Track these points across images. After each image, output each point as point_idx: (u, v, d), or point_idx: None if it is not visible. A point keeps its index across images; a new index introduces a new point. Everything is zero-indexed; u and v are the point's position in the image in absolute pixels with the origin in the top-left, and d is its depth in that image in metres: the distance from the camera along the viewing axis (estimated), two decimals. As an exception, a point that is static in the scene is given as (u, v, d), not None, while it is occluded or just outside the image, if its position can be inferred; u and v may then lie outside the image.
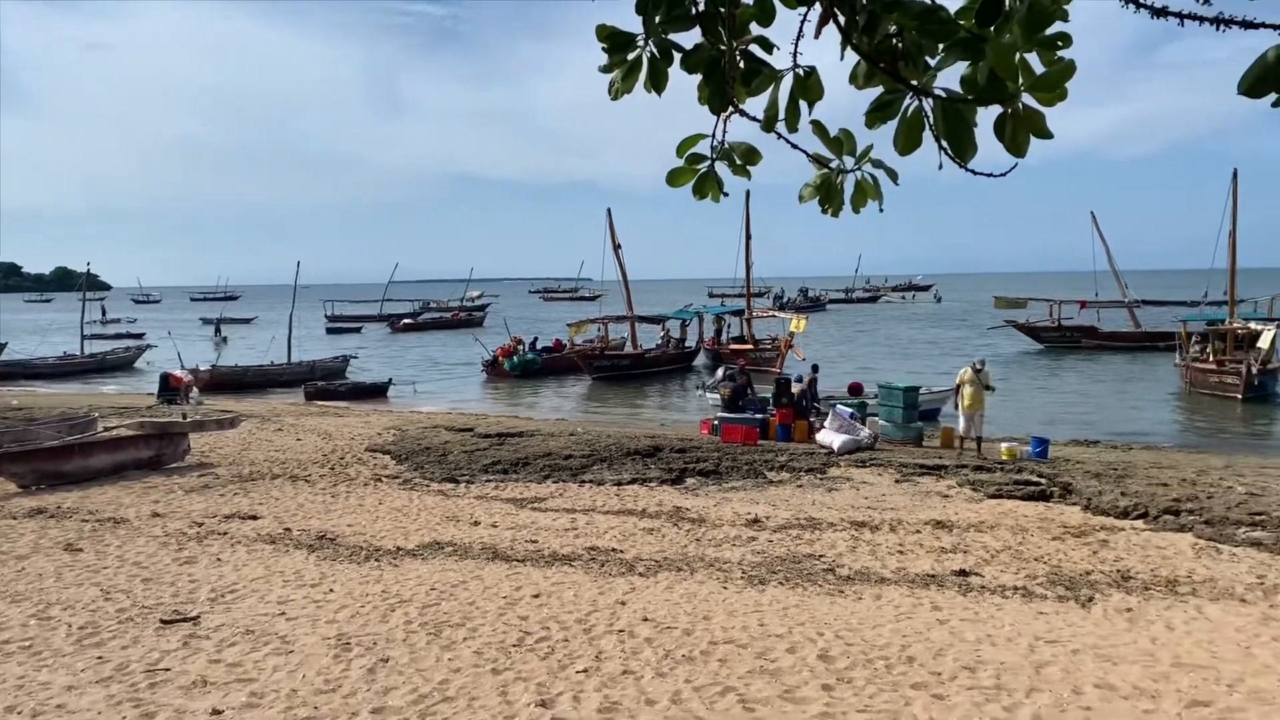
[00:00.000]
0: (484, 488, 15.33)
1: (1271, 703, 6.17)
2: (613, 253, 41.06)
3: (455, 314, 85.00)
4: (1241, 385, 28.47)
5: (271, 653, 7.15)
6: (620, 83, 2.15)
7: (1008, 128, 1.83)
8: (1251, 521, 12.07)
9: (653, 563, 10.25)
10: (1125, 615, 8.41)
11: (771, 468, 16.89)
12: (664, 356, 41.14)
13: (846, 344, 55.62)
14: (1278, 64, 1.56)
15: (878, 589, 9.28)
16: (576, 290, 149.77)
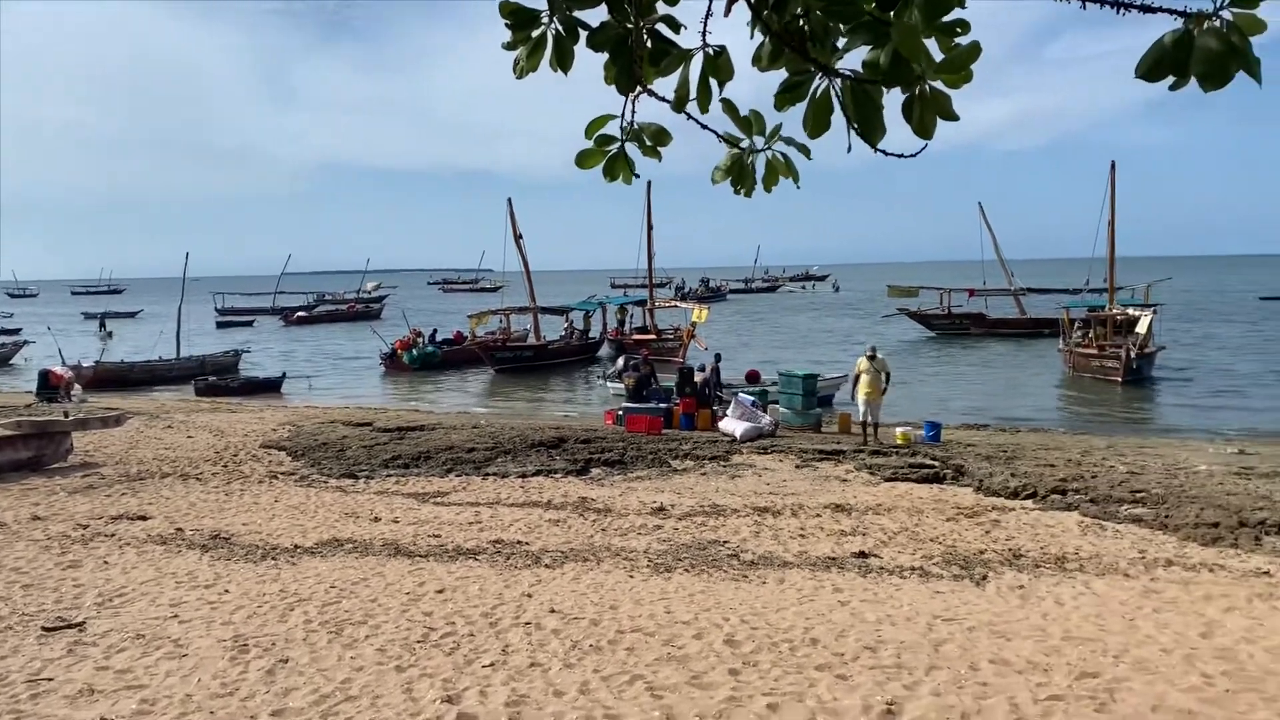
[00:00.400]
0: (384, 483, 15.06)
1: (1154, 672, 6.45)
2: (514, 243, 40.71)
3: (351, 306, 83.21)
4: (1121, 369, 29.75)
5: (164, 657, 6.89)
6: (525, 61, 2.10)
7: (915, 110, 1.85)
8: (1133, 499, 12.62)
9: (559, 554, 10.21)
10: (1017, 592, 8.70)
11: (676, 456, 17.00)
12: (567, 348, 41.01)
13: (747, 333, 56.32)
14: (1173, 49, 1.61)
15: (781, 573, 9.42)
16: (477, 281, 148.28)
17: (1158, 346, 32.80)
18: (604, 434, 19.34)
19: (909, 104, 1.85)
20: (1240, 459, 16.20)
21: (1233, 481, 13.53)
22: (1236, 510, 11.47)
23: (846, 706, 5.93)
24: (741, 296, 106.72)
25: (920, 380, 33.68)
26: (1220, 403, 27.36)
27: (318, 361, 44.57)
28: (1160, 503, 12.32)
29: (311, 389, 34.35)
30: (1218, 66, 1.59)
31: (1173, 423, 24.20)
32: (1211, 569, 9.33)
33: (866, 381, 19.03)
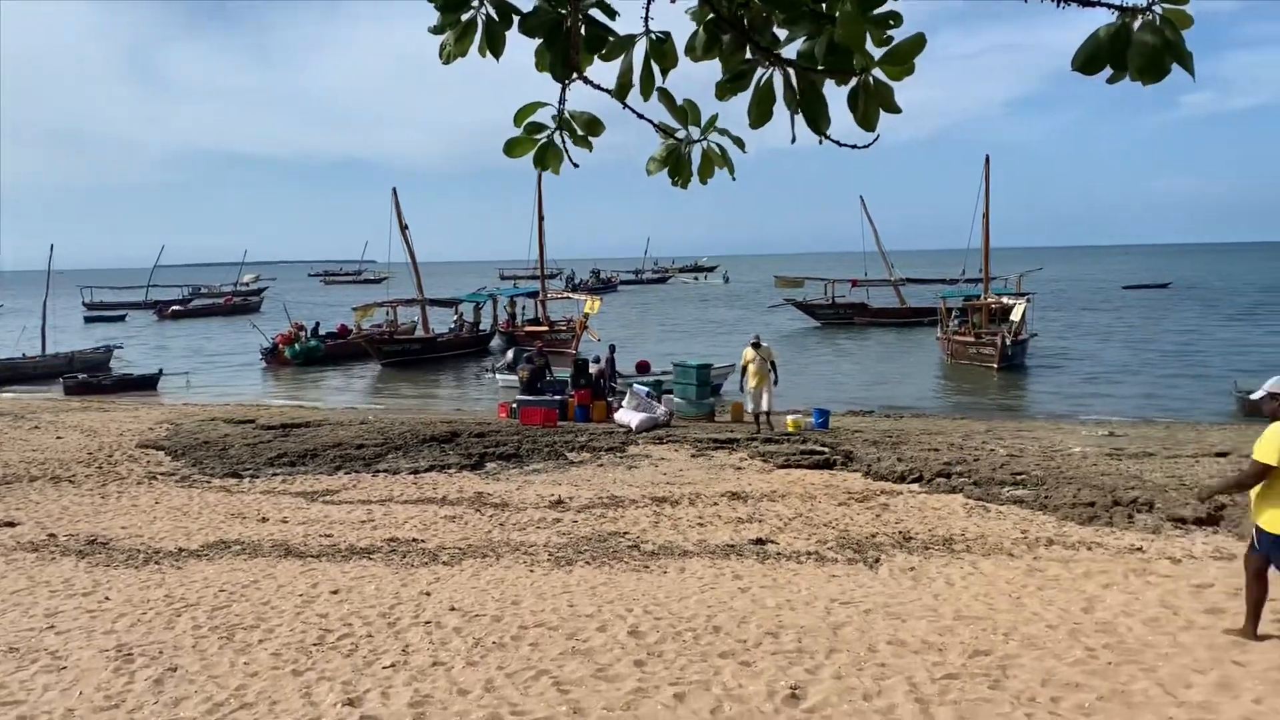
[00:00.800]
0: (271, 482, 14.62)
1: (1042, 648, 6.72)
2: (400, 233, 39.95)
3: (228, 299, 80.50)
4: (997, 356, 30.93)
5: (41, 670, 6.52)
6: (452, 45, 2.03)
7: (860, 101, 1.86)
8: (1013, 481, 13.13)
9: (456, 550, 10.07)
10: (909, 574, 8.95)
11: (572, 448, 16.95)
12: (457, 340, 40.50)
13: (639, 324, 56.58)
14: (1109, 41, 1.65)
15: (681, 562, 9.48)
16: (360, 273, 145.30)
17: (1030, 334, 34.26)
18: (498, 427, 19.16)
19: (854, 95, 1.86)
20: (1111, 441, 17.01)
21: (1105, 462, 14.20)
22: (1110, 490, 12.04)
23: (752, 692, 6.00)
24: (632, 288, 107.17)
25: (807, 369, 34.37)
26: (1090, 387, 28.70)
27: (195, 357, 42.97)
28: (1039, 484, 12.84)
29: (190, 386, 33.12)
30: (1154, 60, 1.65)
31: (1047, 407, 25.28)
32: (1089, 547, 9.75)
33: (754, 371, 19.11)
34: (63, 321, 46.04)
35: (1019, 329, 32.58)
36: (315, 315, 49.77)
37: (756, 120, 1.96)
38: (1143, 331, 45.69)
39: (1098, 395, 27.08)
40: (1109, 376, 30.86)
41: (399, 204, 39.72)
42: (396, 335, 39.56)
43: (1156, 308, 61.06)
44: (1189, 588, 8.17)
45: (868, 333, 48.19)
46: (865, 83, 1.83)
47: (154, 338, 54.76)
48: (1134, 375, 31.10)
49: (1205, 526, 10.57)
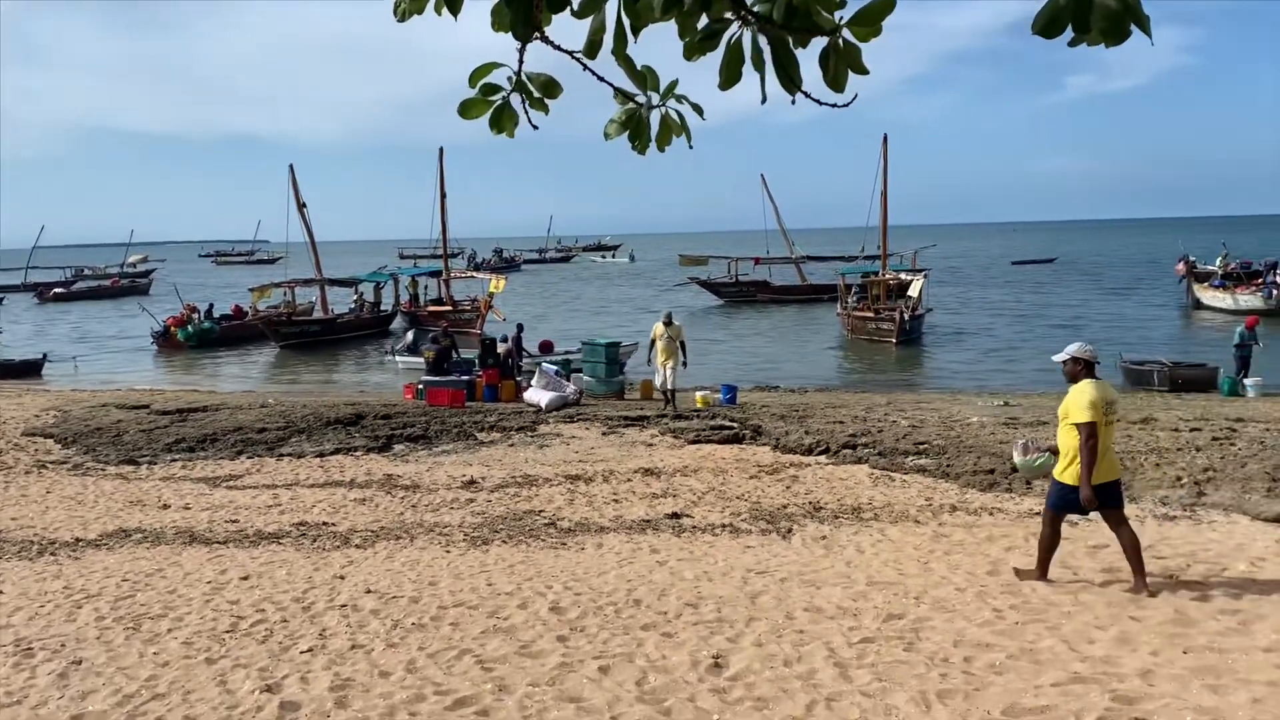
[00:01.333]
0: (170, 468, 14.15)
1: (952, 610, 6.93)
2: (297, 212, 38.91)
3: (115, 281, 77.43)
4: (895, 331, 31.73)
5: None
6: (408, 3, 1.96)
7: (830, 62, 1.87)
8: (916, 451, 13.50)
9: (369, 533, 9.90)
10: (821, 543, 9.14)
11: (481, 428, 16.81)
12: (358, 321, 39.73)
13: (544, 303, 56.30)
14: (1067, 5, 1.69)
15: (598, 538, 9.50)
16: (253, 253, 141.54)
17: (926, 309, 35.22)
18: (404, 409, 18.87)
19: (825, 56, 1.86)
20: (1006, 410, 17.61)
21: (1002, 431, 14.69)
22: (1008, 458, 12.43)
23: (676, 663, 6.05)
24: (536, 267, 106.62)
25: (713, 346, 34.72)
26: (984, 360, 29.68)
27: (81, 341, 41.22)
28: (941, 453, 13.23)
29: (78, 370, 31.79)
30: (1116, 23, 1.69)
31: (944, 380, 26.05)
32: (991, 512, 10.10)
33: (662, 348, 18.93)
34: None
35: (916, 305, 33.46)
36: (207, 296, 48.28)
37: (726, 81, 1.95)
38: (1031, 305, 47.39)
39: (992, 368, 28.02)
40: (1001, 349, 31.95)
41: (296, 181, 38.70)
42: (295, 316, 38.59)
43: (1043, 283, 63.37)
44: (1085, 549, 8.52)
45: (770, 310, 48.88)
46: (835, 44, 1.85)
47: (36, 321, 52.33)
48: (1024, 348, 32.24)
49: (1098, 490, 11.04)
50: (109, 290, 72.74)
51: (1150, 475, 11.50)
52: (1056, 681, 5.55)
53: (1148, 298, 50.21)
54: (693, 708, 5.38)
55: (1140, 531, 9.10)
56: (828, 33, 1.83)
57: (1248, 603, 6.85)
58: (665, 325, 19.16)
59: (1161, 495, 10.64)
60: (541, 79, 2.12)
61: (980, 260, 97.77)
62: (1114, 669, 5.72)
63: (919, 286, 33.35)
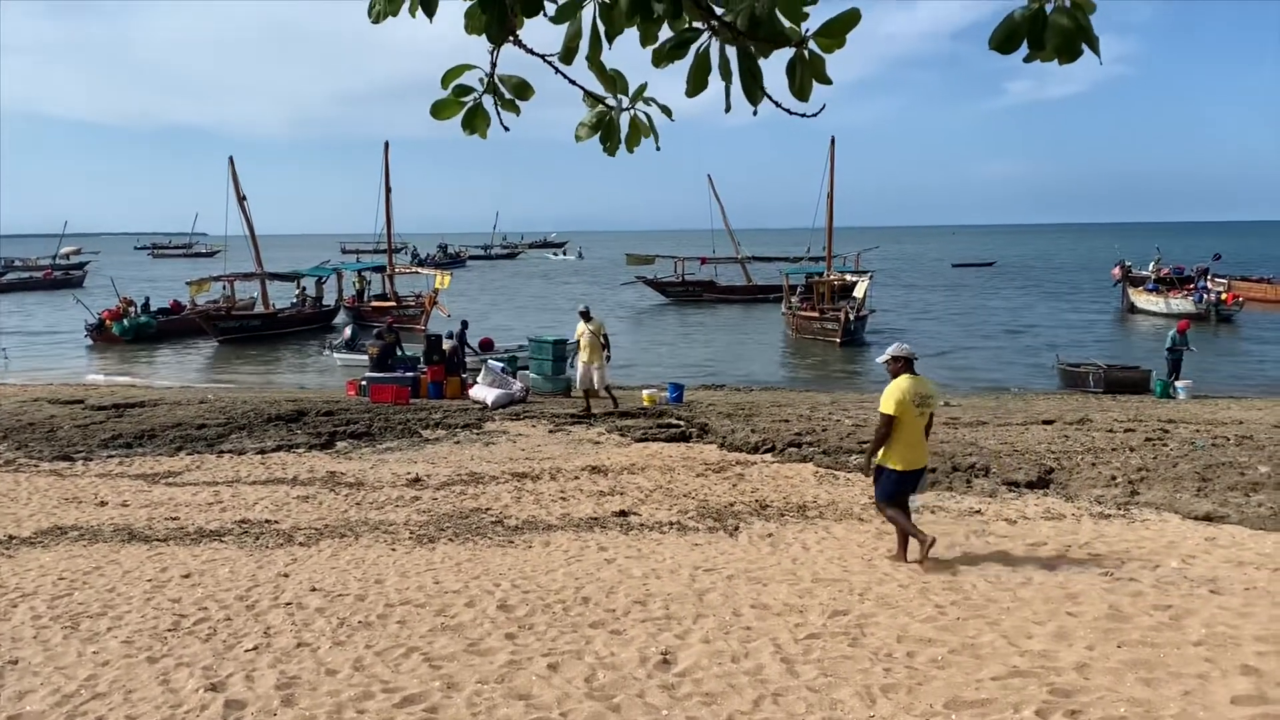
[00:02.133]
0: (106, 464, 13.86)
1: (896, 606, 7.07)
2: (237, 205, 38.25)
3: (48, 273, 75.36)
4: (840, 331, 32.07)
5: None
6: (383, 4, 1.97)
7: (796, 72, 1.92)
8: (860, 449, 13.64)
9: (313, 531, 9.80)
10: (768, 540, 9.24)
11: (426, 425, 16.71)
12: (300, 315, 39.18)
13: (490, 300, 55.99)
14: (1026, 24, 1.77)
15: (546, 536, 9.51)
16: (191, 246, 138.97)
17: (870, 310, 35.65)
18: (347, 405, 18.69)
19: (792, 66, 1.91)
20: (946, 410, 17.91)
21: (943, 431, 14.94)
22: (950, 457, 12.70)
23: (625, 659, 6.09)
24: (482, 263, 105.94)
25: (659, 345, 34.86)
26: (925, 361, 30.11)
27: (12, 335, 40.10)
28: (884, 452, 13.41)
29: (7, 363, 30.94)
30: (1070, 42, 1.77)
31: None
32: (933, 510, 10.28)
33: (584, 344, 18.08)
34: None
35: (860, 305, 33.86)
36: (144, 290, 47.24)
37: (693, 88, 1.99)
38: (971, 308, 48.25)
39: (932, 368, 28.45)
40: (942, 350, 32.46)
41: (236, 173, 38.06)
42: (234, 311, 37.94)
43: (983, 285, 64.55)
44: (1024, 546, 8.73)
45: (716, 309, 49.15)
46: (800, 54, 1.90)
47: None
48: (965, 348, 32.84)
49: (1037, 490, 11.31)
50: (41, 282, 70.82)
51: (1086, 474, 11.80)
52: (996, 675, 5.69)
53: (1083, 301, 51.38)
54: (642, 704, 5.42)
55: (1077, 529, 9.37)
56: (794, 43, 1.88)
57: (1179, 598, 7.07)
58: (584, 320, 18.31)
59: (1097, 494, 10.92)
60: (514, 81, 2.15)
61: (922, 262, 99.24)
62: (1051, 663, 5.87)
63: (864, 288, 33.79)
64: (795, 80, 1.91)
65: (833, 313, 33.70)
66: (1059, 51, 1.77)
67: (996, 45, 1.79)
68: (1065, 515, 10.01)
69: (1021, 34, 1.76)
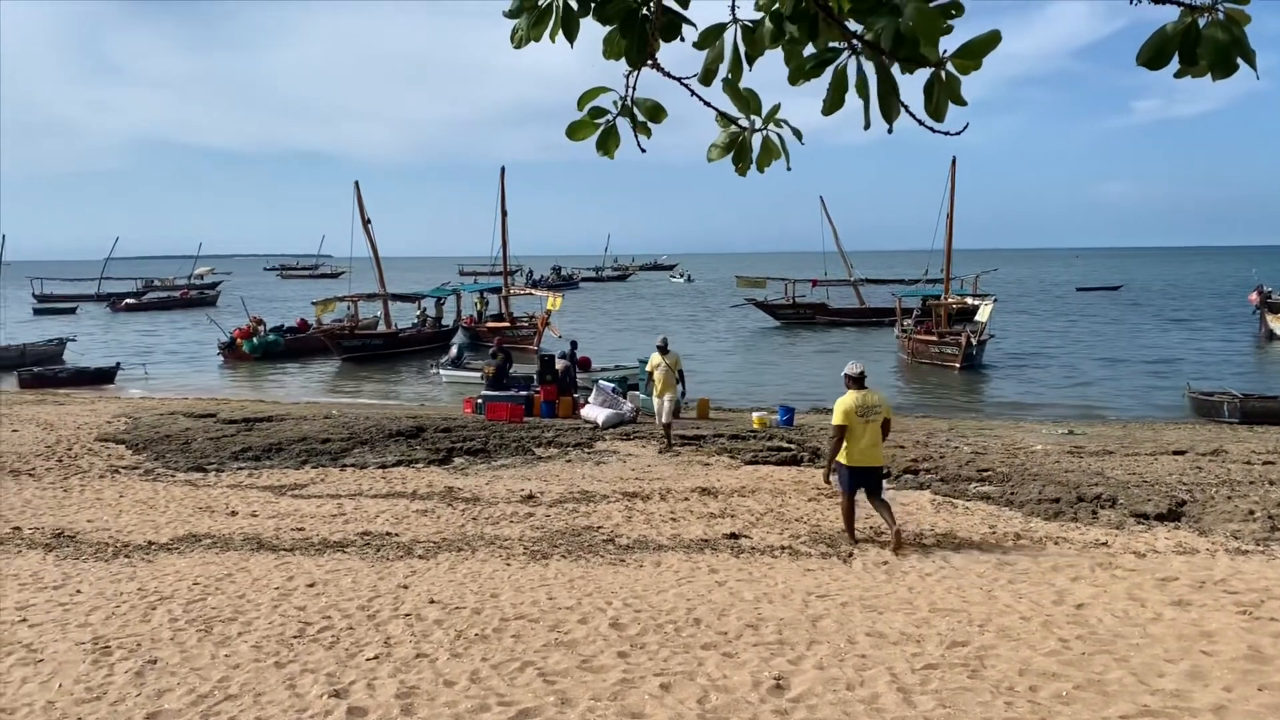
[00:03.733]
0: (236, 476, 14.46)
1: (1017, 638, 6.86)
2: (362, 228, 39.60)
3: (184, 293, 79.27)
4: (960, 356, 31.25)
5: (17, 664, 6.43)
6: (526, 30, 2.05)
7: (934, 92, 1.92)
8: (979, 477, 13.35)
9: (431, 544, 10.05)
10: (883, 568, 9.08)
11: (539, 444, 16.95)
12: (420, 335, 40.23)
13: (600, 321, 56.55)
14: (1177, 37, 1.72)
15: (657, 556, 9.54)
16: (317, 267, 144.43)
17: (989, 335, 34.67)
18: (464, 423, 19.10)
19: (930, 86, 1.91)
20: (1071, 439, 17.33)
21: (1067, 460, 14.47)
22: (1074, 486, 12.28)
23: (737, 682, 6.06)
24: (593, 285, 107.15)
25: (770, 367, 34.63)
26: (1049, 387, 29.14)
27: (151, 351, 42.29)
28: (1005, 480, 13.07)
29: (148, 379, 32.61)
30: (1224, 56, 1.71)
31: (1007, 406, 25.65)
32: (1056, 541, 9.96)
33: (659, 378, 17.32)
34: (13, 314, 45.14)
35: (982, 330, 32.93)
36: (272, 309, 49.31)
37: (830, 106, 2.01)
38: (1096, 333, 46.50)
39: (1057, 395, 27.53)
40: (1067, 377, 31.37)
41: (361, 197, 39.39)
42: (357, 330, 39.19)
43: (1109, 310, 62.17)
44: (1154, 581, 8.37)
45: (828, 332, 48.57)
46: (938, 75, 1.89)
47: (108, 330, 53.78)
48: (1091, 375, 31.64)
49: (1167, 522, 10.83)
50: (178, 301, 74.46)
51: (1222, 508, 11.25)
52: (1125, 714, 5.47)
53: (1217, 327, 49.03)
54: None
55: (1212, 564, 8.93)
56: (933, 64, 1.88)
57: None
58: (661, 353, 17.53)
59: (1233, 529, 10.39)
60: (648, 104, 2.19)
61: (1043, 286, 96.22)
62: (1185, 703, 5.62)
63: (988, 311, 32.59)
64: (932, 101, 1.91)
65: (951, 337, 32.89)
66: (1213, 67, 1.71)
67: (1145, 61, 1.75)
68: (1199, 550, 9.56)
69: (1172, 49, 1.72)
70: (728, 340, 45.46)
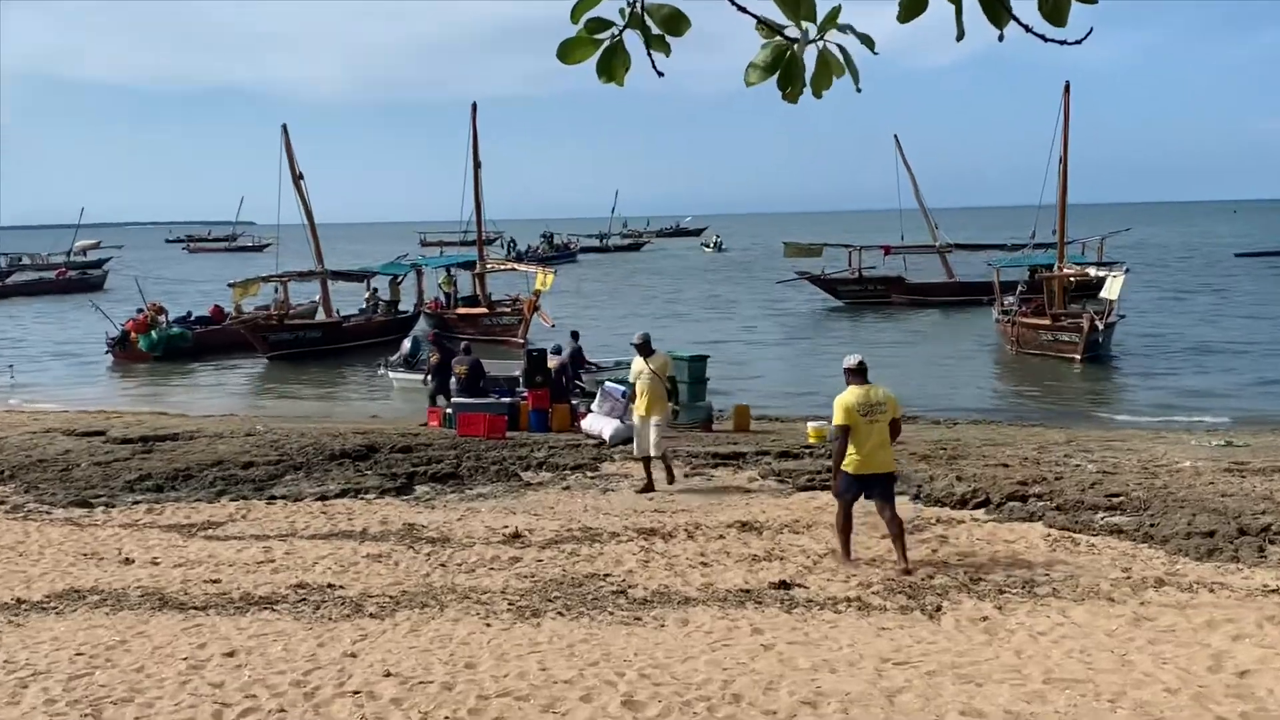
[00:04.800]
0: (132, 512, 14.56)
1: (1160, 718, 6.82)
2: (293, 185, 39.67)
3: (61, 273, 79.83)
4: (1081, 344, 31.00)
5: None
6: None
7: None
8: (1109, 505, 13.30)
9: (387, 599, 10.08)
10: (981, 625, 9.06)
11: (528, 466, 17.03)
12: (371, 325, 40.30)
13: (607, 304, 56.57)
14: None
15: (683, 612, 9.55)
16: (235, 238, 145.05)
17: (1119, 316, 34.39)
18: (429, 439, 19.20)
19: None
20: (1229, 452, 17.25)
21: (1225, 480, 14.40)
22: (1234, 515, 12.22)
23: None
24: (597, 257, 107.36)
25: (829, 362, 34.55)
26: (1199, 385, 29.01)
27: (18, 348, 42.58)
28: (1142, 508, 13.03)
29: (14, 384, 32.86)
30: None
31: (1144, 410, 25.57)
32: (1211, 588, 9.91)
33: (642, 389, 16.07)
34: None
35: (1109, 310, 32.62)
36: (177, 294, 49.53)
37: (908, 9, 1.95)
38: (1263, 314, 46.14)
39: (1209, 395, 27.41)
40: (1223, 371, 31.23)
41: (290, 146, 39.49)
42: (289, 319, 39.26)
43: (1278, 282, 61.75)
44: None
45: (906, 314, 48.51)
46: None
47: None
48: (1254, 370, 31.47)
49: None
50: (53, 285, 74.97)
51: None
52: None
53: None
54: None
55: None
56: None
57: None
58: (642, 353, 16.41)
59: None
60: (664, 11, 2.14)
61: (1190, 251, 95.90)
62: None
63: (1118, 285, 32.09)
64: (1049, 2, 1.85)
65: (1069, 319, 32.73)
66: None
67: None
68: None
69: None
70: (773, 327, 45.46)
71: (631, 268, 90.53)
